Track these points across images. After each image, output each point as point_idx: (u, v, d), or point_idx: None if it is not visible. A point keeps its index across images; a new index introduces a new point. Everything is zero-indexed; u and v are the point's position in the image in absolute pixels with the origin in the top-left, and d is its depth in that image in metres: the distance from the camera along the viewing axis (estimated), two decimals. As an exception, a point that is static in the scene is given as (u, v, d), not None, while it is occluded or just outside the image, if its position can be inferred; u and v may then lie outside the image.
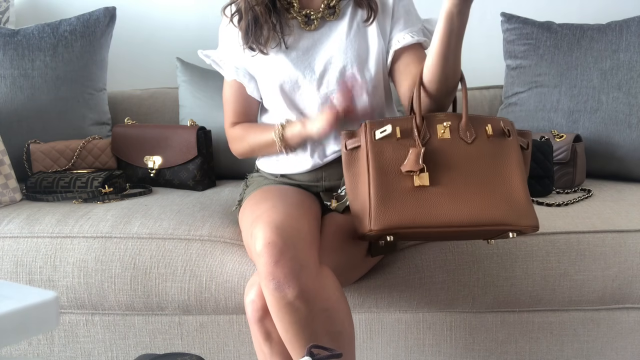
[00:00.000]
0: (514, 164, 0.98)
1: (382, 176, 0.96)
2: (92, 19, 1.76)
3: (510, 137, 0.99)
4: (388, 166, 0.97)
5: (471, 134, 0.99)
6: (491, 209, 0.94)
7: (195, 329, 1.24)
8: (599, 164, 1.66)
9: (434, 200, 0.95)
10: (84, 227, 1.25)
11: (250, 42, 1.17)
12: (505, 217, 0.94)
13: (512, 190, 0.96)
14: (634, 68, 1.63)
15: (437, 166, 0.97)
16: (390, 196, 0.95)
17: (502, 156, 0.98)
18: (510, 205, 0.94)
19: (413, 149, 0.97)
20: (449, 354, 1.25)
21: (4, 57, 1.66)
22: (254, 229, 0.96)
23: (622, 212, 1.30)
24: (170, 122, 1.86)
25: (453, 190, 0.95)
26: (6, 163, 1.43)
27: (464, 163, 0.97)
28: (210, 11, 2.07)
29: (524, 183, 0.97)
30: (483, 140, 0.99)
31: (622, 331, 1.25)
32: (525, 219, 0.95)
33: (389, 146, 0.98)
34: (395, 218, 0.94)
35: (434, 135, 0.99)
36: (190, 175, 1.57)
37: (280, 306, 0.91)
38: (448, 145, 0.98)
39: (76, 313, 1.25)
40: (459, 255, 1.20)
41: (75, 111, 1.71)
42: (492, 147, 0.98)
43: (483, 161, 0.97)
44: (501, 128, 1.00)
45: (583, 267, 1.20)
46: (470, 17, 1.07)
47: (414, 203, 0.95)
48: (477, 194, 0.95)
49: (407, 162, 0.96)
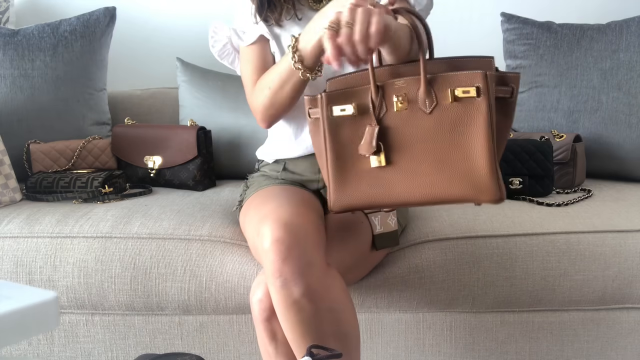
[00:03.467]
0: (479, 131, 0.86)
1: (339, 157, 0.93)
2: (92, 19, 1.76)
3: (479, 97, 0.86)
4: (345, 146, 0.93)
5: (431, 101, 0.89)
6: (449, 187, 0.88)
7: (195, 329, 1.24)
8: (599, 164, 1.66)
9: (391, 180, 0.91)
10: (84, 227, 1.25)
11: (264, 14, 1.18)
12: (464, 194, 0.87)
13: (473, 164, 0.87)
14: (634, 68, 1.63)
15: (393, 144, 0.91)
16: (347, 178, 0.93)
17: (465, 123, 0.87)
18: (470, 181, 0.87)
19: (369, 128, 0.91)
20: (449, 354, 1.25)
21: (4, 57, 1.66)
22: (262, 226, 0.95)
23: (622, 212, 1.30)
24: (170, 122, 1.86)
25: (411, 168, 0.90)
26: (6, 163, 1.43)
27: (422, 138, 0.89)
28: (210, 11, 2.07)
29: (488, 152, 0.86)
30: (444, 107, 0.88)
31: (622, 331, 1.25)
32: (485, 194, 0.87)
33: (345, 124, 0.93)
34: (352, 200, 0.93)
35: (390, 108, 0.91)
36: (190, 175, 1.57)
37: (286, 304, 0.90)
38: (405, 119, 0.90)
39: (76, 313, 1.25)
40: (459, 255, 1.20)
41: (75, 111, 1.71)
42: (454, 114, 0.88)
43: (442, 134, 0.88)
44: (471, 86, 0.87)
45: (583, 267, 1.20)
46: (470, 17, 1.04)
47: (371, 183, 0.92)
48: (435, 172, 0.89)
49: (362, 143, 0.91)
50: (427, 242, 1.21)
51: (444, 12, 2.09)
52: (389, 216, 1.13)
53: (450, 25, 2.08)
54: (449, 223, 1.25)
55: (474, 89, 0.86)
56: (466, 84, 0.87)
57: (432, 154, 0.89)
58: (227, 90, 1.76)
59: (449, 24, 2.08)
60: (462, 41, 2.08)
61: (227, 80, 1.79)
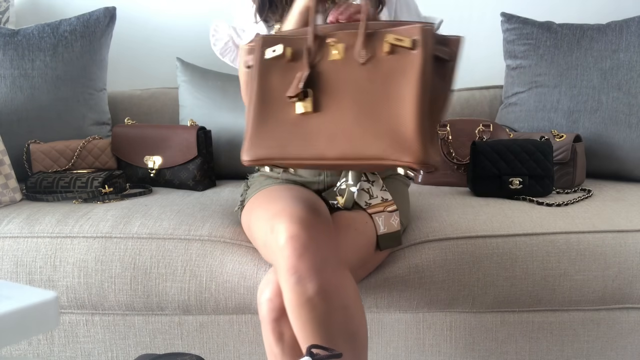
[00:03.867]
0: (410, 85, 0.83)
1: (263, 103, 0.89)
2: (92, 19, 1.76)
3: (415, 50, 0.84)
4: (271, 91, 0.89)
5: (366, 52, 0.86)
6: (368, 143, 0.83)
7: (195, 329, 1.24)
8: (599, 164, 1.66)
9: (312, 131, 0.86)
10: (84, 227, 1.25)
11: (265, 14, 1.19)
12: (383, 152, 0.82)
13: (399, 120, 0.82)
14: (634, 68, 1.63)
15: (322, 91, 0.86)
16: (267, 126, 0.88)
17: (397, 76, 0.84)
18: (392, 139, 0.82)
19: (299, 73, 0.87)
20: (449, 354, 1.25)
21: (4, 57, 1.66)
22: (276, 223, 0.94)
23: (622, 212, 1.30)
24: (170, 122, 1.86)
25: (336, 119, 0.85)
26: (6, 163, 1.43)
27: (353, 88, 0.86)
28: (210, 11, 2.07)
29: (416, 108, 0.82)
30: (379, 58, 0.85)
31: (622, 331, 1.25)
32: (407, 153, 0.81)
33: (277, 69, 0.90)
34: (267, 150, 0.88)
35: (326, 57, 0.88)
36: (190, 175, 1.57)
37: (299, 302, 0.89)
38: (338, 67, 0.87)
39: (76, 313, 1.25)
40: (459, 255, 1.20)
41: (75, 111, 1.71)
42: (388, 67, 0.85)
43: (374, 86, 0.84)
44: (407, 38, 0.85)
45: (583, 267, 1.20)
46: (470, 17, 1.05)
47: (291, 132, 0.87)
48: (357, 124, 0.84)
49: (291, 87, 0.87)
50: (427, 242, 1.21)
51: (444, 12, 2.09)
52: (392, 216, 1.13)
53: (450, 25, 2.08)
54: (449, 223, 1.25)
55: (409, 40, 0.84)
56: (403, 35, 0.85)
57: (360, 105, 0.85)
58: (227, 90, 1.76)
59: (448, 24, 2.08)
60: (462, 41, 2.08)
61: (227, 80, 1.79)
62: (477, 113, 1.90)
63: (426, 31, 0.84)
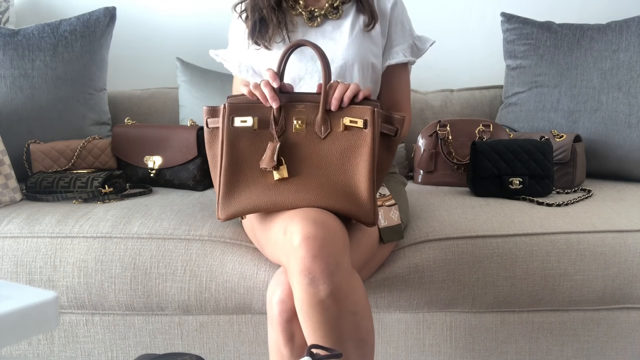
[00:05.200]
0: (362, 160, 0.98)
1: (233, 166, 1.00)
2: (92, 19, 1.76)
3: (366, 129, 0.98)
4: (240, 156, 1.00)
5: (326, 128, 1.00)
6: (331, 203, 0.97)
7: (195, 329, 1.24)
8: (599, 164, 1.66)
9: (281, 191, 0.98)
10: (84, 227, 1.25)
11: (255, 38, 1.25)
12: (342, 208, 0.97)
13: (354, 189, 0.98)
14: (634, 68, 1.63)
15: (290, 160, 1.00)
16: (238, 187, 1.00)
17: (352, 151, 0.99)
18: (350, 202, 0.97)
19: (271, 144, 0.99)
20: (449, 354, 1.25)
21: (4, 57, 1.66)
22: (290, 224, 0.93)
23: (622, 212, 1.30)
24: (170, 122, 1.86)
25: (302, 182, 0.98)
26: (6, 163, 1.43)
27: (314, 159, 0.99)
28: (210, 11, 2.07)
29: (368, 180, 0.97)
30: (336, 134, 1.00)
31: (622, 331, 1.25)
32: (362, 216, 0.98)
33: (245, 135, 1.01)
34: (239, 207, 0.99)
35: (289, 128, 1.01)
36: (190, 175, 1.57)
37: (311, 304, 0.89)
38: (302, 139, 1.01)
39: (76, 313, 1.25)
40: (459, 255, 1.20)
41: (75, 111, 1.71)
42: (344, 142, 0.99)
43: (332, 158, 0.99)
44: (360, 119, 0.99)
45: (583, 267, 1.20)
46: (470, 17, 1.07)
47: (261, 192, 0.99)
48: (321, 190, 0.98)
49: (264, 158, 0.99)
50: (427, 241, 1.21)
51: (444, 12, 2.09)
52: (391, 210, 1.14)
53: (450, 25, 2.08)
54: (449, 223, 1.25)
55: (362, 121, 0.98)
56: (356, 116, 0.99)
57: (322, 175, 0.99)
58: (227, 90, 1.76)
59: (449, 24, 2.09)
60: (462, 41, 2.08)
61: (227, 80, 1.79)
62: (477, 113, 1.90)
63: (376, 113, 0.98)
